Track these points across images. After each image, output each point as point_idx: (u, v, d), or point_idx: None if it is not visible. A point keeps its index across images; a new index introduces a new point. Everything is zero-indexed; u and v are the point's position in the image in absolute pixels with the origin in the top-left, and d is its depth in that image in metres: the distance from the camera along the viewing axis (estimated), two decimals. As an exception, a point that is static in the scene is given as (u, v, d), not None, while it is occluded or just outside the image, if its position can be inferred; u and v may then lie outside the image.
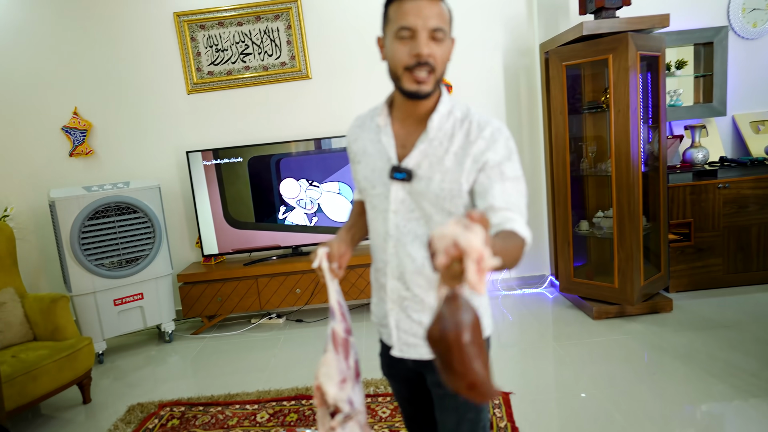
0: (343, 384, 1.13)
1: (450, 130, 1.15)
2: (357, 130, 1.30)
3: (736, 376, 2.47)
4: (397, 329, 1.25)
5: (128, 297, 3.41)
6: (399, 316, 1.24)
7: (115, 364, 3.37)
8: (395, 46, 1.09)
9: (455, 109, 1.17)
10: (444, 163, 1.13)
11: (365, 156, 1.25)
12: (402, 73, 1.10)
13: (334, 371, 1.11)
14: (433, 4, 1.07)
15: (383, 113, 1.22)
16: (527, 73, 3.83)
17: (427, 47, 1.06)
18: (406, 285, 1.20)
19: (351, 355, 1.18)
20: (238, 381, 2.93)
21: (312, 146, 3.68)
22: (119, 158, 3.89)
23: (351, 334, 1.22)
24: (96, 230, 3.29)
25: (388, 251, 1.21)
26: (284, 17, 3.76)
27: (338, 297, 1.21)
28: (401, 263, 1.19)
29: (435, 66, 1.08)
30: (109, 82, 3.81)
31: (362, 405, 1.20)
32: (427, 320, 1.19)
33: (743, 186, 3.48)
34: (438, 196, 1.14)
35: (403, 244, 1.18)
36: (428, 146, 1.15)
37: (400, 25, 1.07)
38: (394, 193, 1.18)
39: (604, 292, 3.32)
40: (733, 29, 3.75)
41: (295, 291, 3.65)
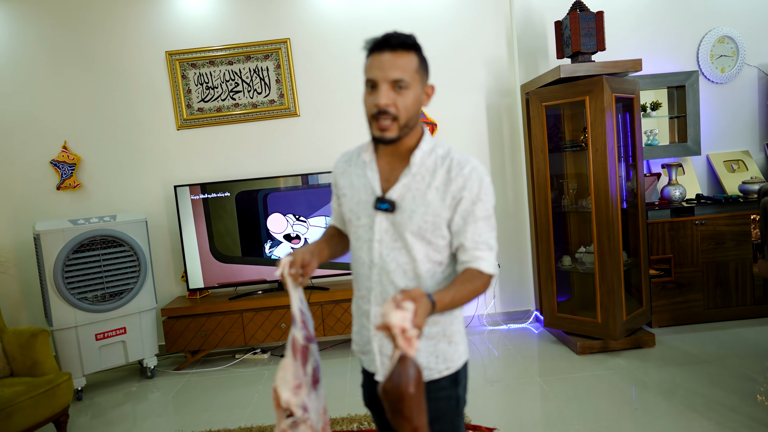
0: (298, 389, 1.17)
1: (432, 166, 1.24)
2: (344, 164, 1.38)
3: (717, 411, 2.49)
4: (381, 354, 1.28)
5: (110, 331, 3.37)
6: (382, 341, 1.28)
7: (94, 401, 3.30)
8: (365, 96, 1.22)
9: (437, 147, 1.27)
10: (426, 197, 1.22)
11: (351, 189, 1.32)
12: (370, 120, 1.20)
13: (290, 376, 1.16)
14: (397, 56, 1.17)
15: (369, 150, 1.31)
16: (509, 113, 3.96)
17: (386, 98, 1.16)
18: None
19: (309, 363, 1.22)
20: (220, 417, 2.88)
21: (299, 182, 3.73)
22: (107, 192, 3.91)
23: (311, 341, 1.26)
24: (80, 263, 3.27)
25: (373, 279, 1.27)
26: (274, 57, 3.87)
27: (301, 305, 1.25)
28: (385, 290, 1.25)
29: (397, 114, 1.18)
30: (100, 116, 3.87)
31: (318, 411, 1.22)
32: None
33: (719, 223, 3.58)
34: (420, 227, 1.21)
35: (386, 272, 1.25)
36: (411, 180, 1.23)
37: (366, 78, 1.20)
38: (378, 224, 1.25)
39: (588, 327, 3.35)
40: (703, 74, 3.93)
41: (281, 326, 3.63)
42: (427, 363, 1.26)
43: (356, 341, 1.39)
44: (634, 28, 3.90)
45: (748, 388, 2.69)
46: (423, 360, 1.26)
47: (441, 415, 1.25)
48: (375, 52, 1.19)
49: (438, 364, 1.26)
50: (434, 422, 1.23)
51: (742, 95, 3.98)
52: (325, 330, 3.64)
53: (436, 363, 1.26)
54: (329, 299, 3.63)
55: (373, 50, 1.20)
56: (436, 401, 1.25)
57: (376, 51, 1.19)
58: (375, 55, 1.19)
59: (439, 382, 1.27)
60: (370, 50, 1.21)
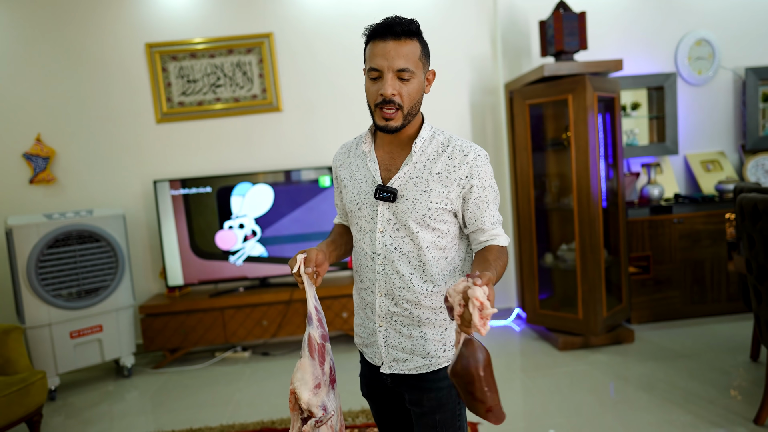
0: (317, 389, 1.15)
1: (433, 153, 1.24)
2: (343, 156, 1.39)
3: (696, 404, 2.54)
4: (386, 346, 1.28)
5: (86, 329, 3.28)
6: (388, 332, 1.28)
7: (68, 401, 3.20)
8: (367, 84, 1.21)
9: (437, 135, 1.27)
10: (428, 184, 1.22)
11: (352, 180, 1.32)
12: (374, 109, 1.21)
13: (309, 376, 1.14)
14: (401, 44, 1.16)
15: (368, 140, 1.31)
16: (492, 111, 3.99)
17: (392, 87, 1.16)
18: (395, 301, 1.26)
19: (327, 361, 1.20)
20: (200, 416, 2.83)
21: (281, 178, 3.69)
22: (83, 187, 3.81)
23: (327, 340, 1.24)
24: (55, 259, 3.18)
25: (376, 269, 1.26)
26: (256, 51, 3.82)
27: (315, 303, 1.23)
28: (389, 280, 1.25)
29: (401, 103, 1.18)
30: (76, 108, 3.76)
31: (337, 410, 1.21)
32: (417, 333, 1.26)
33: (696, 221, 3.66)
34: (424, 215, 1.21)
35: (390, 262, 1.24)
36: (412, 168, 1.24)
37: (370, 66, 1.19)
38: (381, 213, 1.25)
39: (569, 324, 3.38)
40: (681, 75, 4.01)
41: (262, 323, 3.58)
42: (434, 351, 1.26)
43: (359, 333, 1.38)
44: (615, 29, 3.96)
45: (723, 382, 2.75)
46: (431, 348, 1.26)
47: (442, 404, 1.26)
48: (378, 40, 1.18)
49: (446, 351, 1.27)
50: (436, 411, 1.25)
51: (718, 97, 4.07)
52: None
53: (444, 351, 1.27)
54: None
55: (376, 37, 1.18)
56: (437, 390, 1.26)
57: (379, 38, 1.18)
58: (378, 43, 1.17)
59: (439, 372, 1.27)
60: (372, 37, 1.19)
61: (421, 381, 1.27)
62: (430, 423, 1.26)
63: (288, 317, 3.58)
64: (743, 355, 3.06)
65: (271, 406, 2.87)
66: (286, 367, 3.46)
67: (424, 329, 1.26)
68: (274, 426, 2.57)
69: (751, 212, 2.12)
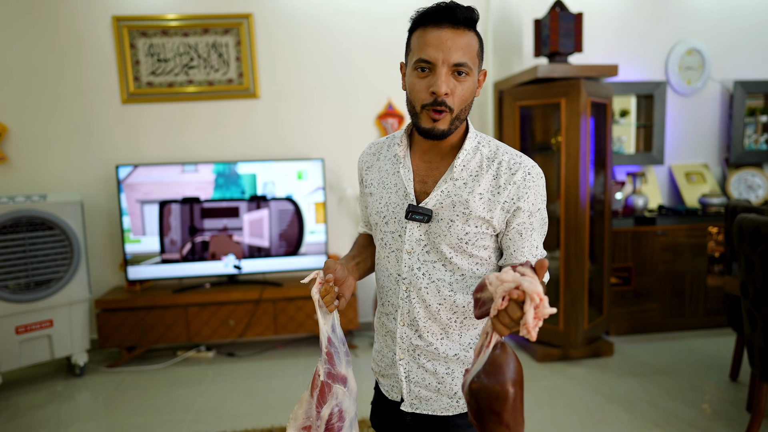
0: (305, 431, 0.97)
1: (476, 169, 1.05)
2: (371, 158, 1.20)
3: (677, 426, 2.47)
4: (408, 381, 1.12)
5: (34, 324, 3.01)
6: (410, 366, 1.11)
7: (11, 401, 2.94)
8: (413, 79, 1.00)
9: (482, 146, 1.08)
10: (469, 206, 1.04)
11: (380, 188, 1.14)
12: (420, 110, 1.00)
13: (301, 414, 0.98)
14: (459, 34, 0.97)
15: (403, 143, 1.11)
16: (480, 110, 3.84)
17: (446, 85, 0.97)
18: (419, 333, 1.09)
19: (328, 406, 1.00)
20: (158, 422, 2.62)
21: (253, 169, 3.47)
22: (36, 168, 3.51)
23: (338, 381, 1.03)
24: (2, 247, 2.90)
25: (400, 295, 1.10)
26: (234, 32, 3.58)
27: (330, 333, 1.04)
28: (413, 309, 1.08)
29: (452, 105, 0.99)
30: (33, 82, 3.45)
31: None
32: (443, 370, 1.10)
33: (679, 234, 3.61)
34: (461, 239, 1.04)
35: (416, 288, 1.07)
36: (452, 187, 1.05)
37: (420, 57, 0.98)
38: (410, 232, 1.08)
39: (549, 335, 3.29)
40: (671, 85, 3.95)
41: (229, 322, 3.38)
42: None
43: (376, 360, 1.21)
44: (607, 33, 3.85)
45: (702, 401, 2.70)
46: (458, 388, 1.10)
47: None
48: (431, 26, 0.98)
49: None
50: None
51: (705, 109, 4.03)
52: (276, 328, 3.41)
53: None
54: (282, 296, 3.40)
55: (429, 23, 0.98)
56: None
57: (433, 25, 0.97)
58: (431, 30, 0.97)
59: (466, 416, 1.12)
60: (424, 22, 0.99)
61: (449, 426, 1.11)
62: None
63: (257, 317, 3.38)
64: (721, 373, 3.01)
65: (235, 415, 2.68)
66: (252, 370, 3.27)
67: (451, 366, 1.10)
68: (237, 439, 2.39)
69: (752, 235, 2.03)
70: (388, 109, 3.74)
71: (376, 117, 3.74)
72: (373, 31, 3.67)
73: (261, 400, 2.84)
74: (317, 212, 3.52)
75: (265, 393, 2.94)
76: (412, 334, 1.10)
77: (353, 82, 3.71)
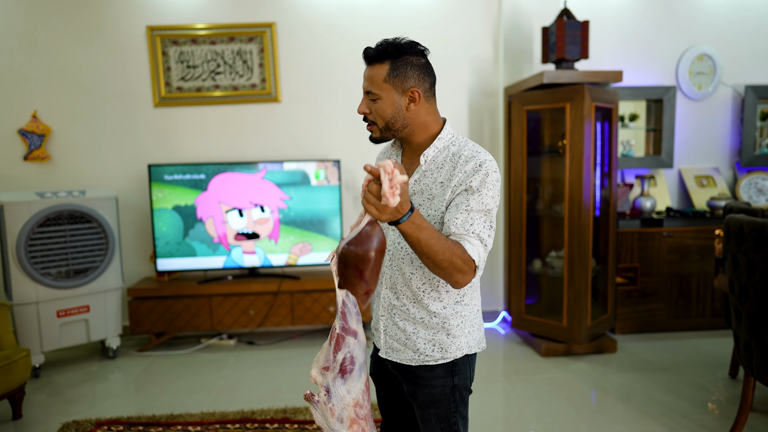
0: (325, 371, 1.24)
1: (441, 162, 1.31)
2: (382, 155, 1.55)
3: (671, 418, 2.57)
4: (385, 334, 1.40)
5: (73, 309, 3.29)
6: (387, 322, 1.39)
7: (51, 378, 3.22)
8: None
9: (452, 145, 1.32)
10: (432, 192, 1.30)
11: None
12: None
13: (322, 357, 1.24)
14: (370, 69, 1.30)
15: (396, 145, 1.45)
16: (491, 114, 3.99)
17: (362, 107, 1.33)
18: (397, 295, 1.36)
19: (342, 352, 1.24)
20: (182, 401, 2.85)
21: (276, 168, 3.69)
22: (76, 166, 3.80)
23: (350, 334, 1.26)
24: (45, 238, 3.18)
25: (385, 263, 1.38)
26: (258, 40, 3.81)
27: (344, 297, 1.26)
28: (394, 275, 1.36)
29: (374, 120, 1.32)
30: (74, 87, 3.75)
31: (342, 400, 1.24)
32: (410, 329, 1.35)
33: (686, 236, 3.68)
34: (427, 220, 1.28)
35: (397, 258, 1.35)
36: (421, 176, 1.33)
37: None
38: None
39: (553, 330, 3.41)
40: (681, 89, 4.02)
41: (249, 312, 3.60)
42: (423, 349, 1.34)
43: (372, 318, 1.49)
44: (617, 40, 3.96)
45: (700, 397, 2.79)
46: (420, 346, 1.33)
47: (436, 400, 1.36)
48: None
49: (434, 352, 1.34)
50: (430, 406, 1.35)
51: (716, 113, 4.08)
52: (293, 319, 3.62)
53: (432, 351, 1.34)
54: (299, 289, 3.61)
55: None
56: (431, 388, 1.35)
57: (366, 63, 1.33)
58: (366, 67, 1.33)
59: (434, 370, 1.35)
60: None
61: (416, 376, 1.36)
62: (426, 417, 1.37)
63: (275, 308, 3.60)
64: (722, 371, 3.09)
65: (252, 397, 2.89)
66: (270, 357, 3.48)
67: (417, 327, 1.35)
68: (254, 416, 2.59)
69: (737, 234, 2.14)
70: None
71: (391, 120, 3.92)
72: (389, 39, 3.85)
73: (277, 385, 3.05)
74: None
75: (281, 378, 3.14)
76: (392, 295, 1.37)
77: (369, 87, 3.89)
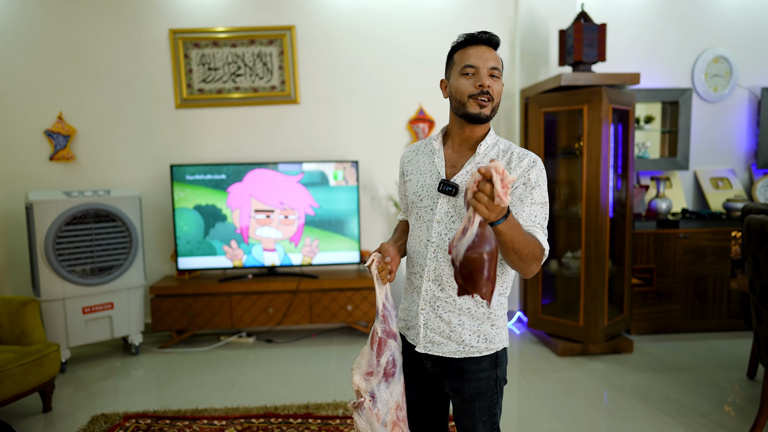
0: (368, 376, 1.27)
1: (494, 156, 1.38)
2: (411, 153, 1.54)
3: (689, 416, 2.60)
4: (425, 328, 1.39)
5: (98, 306, 3.37)
6: (429, 315, 1.39)
7: (76, 374, 3.29)
8: (461, 81, 1.34)
9: (499, 143, 1.40)
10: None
11: (417, 174, 1.47)
12: (467, 100, 1.34)
13: (364, 363, 1.27)
14: (491, 51, 1.35)
15: (439, 139, 1.46)
16: (507, 116, 4.03)
17: (488, 80, 1.32)
18: (442, 287, 1.37)
19: (384, 355, 1.29)
20: (205, 397, 2.91)
21: (295, 169, 3.75)
22: (100, 166, 3.89)
23: (391, 337, 1.32)
24: (72, 236, 3.26)
25: (428, 256, 1.38)
26: (278, 43, 3.88)
27: (384, 300, 1.33)
28: (439, 266, 1.36)
29: (493, 96, 1.33)
30: (98, 89, 3.83)
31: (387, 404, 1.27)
32: (456, 320, 1.37)
33: (702, 237, 3.70)
34: None
35: (443, 250, 1.36)
36: (475, 167, 1.36)
37: (465, 64, 1.33)
38: (440, 206, 1.37)
39: (570, 330, 3.44)
40: (696, 92, 4.04)
41: (268, 311, 3.66)
42: (469, 340, 1.36)
43: (402, 317, 1.49)
44: (634, 43, 3.98)
45: (718, 397, 2.80)
46: (466, 337, 1.36)
47: (482, 393, 1.39)
48: (472, 45, 1.35)
49: (479, 343, 1.37)
50: (475, 399, 1.37)
51: (732, 115, 4.10)
52: (312, 318, 3.67)
53: (478, 342, 1.37)
54: (317, 287, 3.66)
55: (470, 44, 1.35)
56: (477, 381, 1.38)
57: (473, 44, 1.35)
58: (473, 47, 1.34)
59: (480, 363, 1.38)
60: (467, 43, 1.36)
61: (462, 370, 1.38)
62: (470, 410, 1.38)
63: (294, 306, 3.65)
64: (740, 372, 3.10)
65: (274, 393, 2.94)
66: (289, 355, 3.53)
67: (463, 318, 1.37)
68: (277, 411, 2.65)
69: (758, 234, 2.16)
70: (419, 114, 3.97)
71: (408, 122, 3.98)
72: (405, 43, 3.91)
73: (298, 381, 3.10)
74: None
75: (301, 375, 3.19)
76: (435, 287, 1.37)
77: (386, 90, 3.96)
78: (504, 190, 0.99)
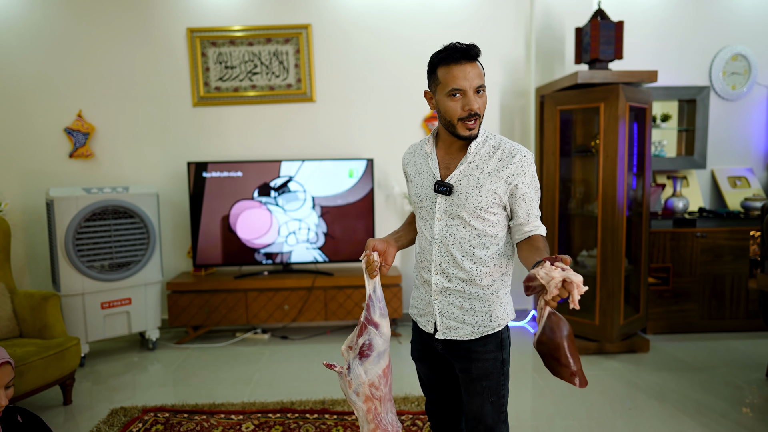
0: (349, 350, 1.45)
1: (485, 155, 1.44)
2: (410, 155, 1.62)
3: (706, 416, 2.58)
4: (441, 315, 1.49)
5: (116, 301, 3.41)
6: (442, 304, 1.48)
7: (95, 368, 3.34)
8: (449, 103, 1.38)
9: (489, 138, 1.45)
10: (480, 181, 1.42)
11: (417, 176, 1.55)
12: (456, 122, 1.39)
13: (350, 338, 1.45)
14: (474, 66, 1.36)
15: (430, 143, 1.52)
16: (522, 114, 4.02)
17: (476, 102, 1.36)
18: (449, 278, 1.47)
19: (362, 338, 1.43)
20: (222, 392, 2.94)
21: (311, 167, 3.77)
22: (118, 163, 3.94)
23: (371, 324, 1.44)
24: (91, 232, 3.30)
25: (434, 252, 1.48)
26: (294, 42, 3.90)
27: (371, 291, 1.45)
28: (444, 260, 1.46)
29: (480, 114, 1.39)
30: (117, 87, 3.89)
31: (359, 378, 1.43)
32: (467, 305, 1.46)
33: (719, 236, 3.66)
34: (476, 207, 1.40)
35: (446, 246, 1.45)
36: (467, 167, 1.44)
37: (452, 88, 1.35)
38: (439, 205, 1.46)
39: (585, 329, 3.43)
40: (714, 90, 4.00)
41: (284, 307, 3.68)
42: (482, 321, 1.45)
43: (414, 305, 1.60)
44: (651, 40, 3.96)
45: (736, 396, 2.78)
46: (479, 318, 1.44)
47: (488, 373, 1.47)
48: (454, 63, 1.35)
49: (492, 321, 1.45)
50: (483, 378, 1.46)
51: (751, 113, 4.05)
52: (327, 314, 3.69)
53: (489, 321, 1.45)
54: (332, 284, 3.68)
55: (452, 61, 1.35)
56: (484, 361, 1.47)
57: (455, 62, 1.35)
58: (456, 66, 1.34)
59: (486, 345, 1.47)
60: (448, 61, 1.35)
61: (470, 352, 1.47)
62: (477, 389, 1.46)
63: (309, 303, 3.67)
64: (758, 372, 3.07)
65: (290, 388, 2.97)
66: (304, 351, 3.56)
67: (473, 301, 1.46)
68: (293, 407, 2.67)
69: (778, 231, 2.14)
70: (434, 112, 3.97)
71: (423, 120, 3.98)
72: (421, 41, 3.91)
73: (313, 378, 3.12)
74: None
75: (316, 372, 3.21)
76: (443, 280, 1.47)
77: (400, 88, 3.96)
78: (579, 290, 1.11)
